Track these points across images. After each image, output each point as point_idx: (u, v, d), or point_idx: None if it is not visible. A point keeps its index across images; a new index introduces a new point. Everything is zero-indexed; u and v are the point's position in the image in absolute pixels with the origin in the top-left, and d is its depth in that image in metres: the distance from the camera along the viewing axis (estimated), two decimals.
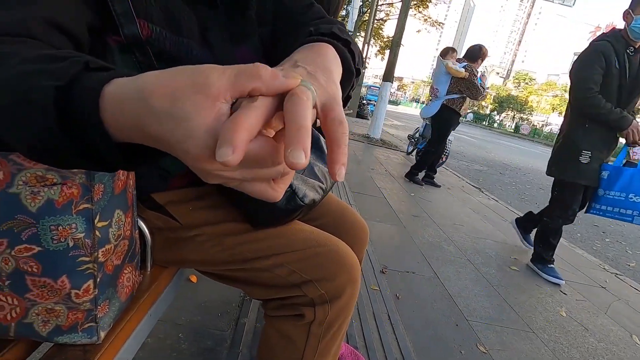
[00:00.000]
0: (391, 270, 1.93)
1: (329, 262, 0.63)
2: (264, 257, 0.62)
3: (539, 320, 1.75)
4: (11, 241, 0.39)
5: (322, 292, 0.62)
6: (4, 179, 0.37)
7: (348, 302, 0.64)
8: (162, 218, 0.63)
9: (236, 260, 0.63)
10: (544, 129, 29.36)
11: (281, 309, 0.65)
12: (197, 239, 0.63)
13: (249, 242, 0.63)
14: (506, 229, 3.20)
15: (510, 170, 8.04)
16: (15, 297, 0.42)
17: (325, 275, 0.62)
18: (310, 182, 0.67)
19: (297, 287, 0.62)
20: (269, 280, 0.63)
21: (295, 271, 0.62)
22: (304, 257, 0.62)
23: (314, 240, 0.64)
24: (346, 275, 0.63)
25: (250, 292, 0.68)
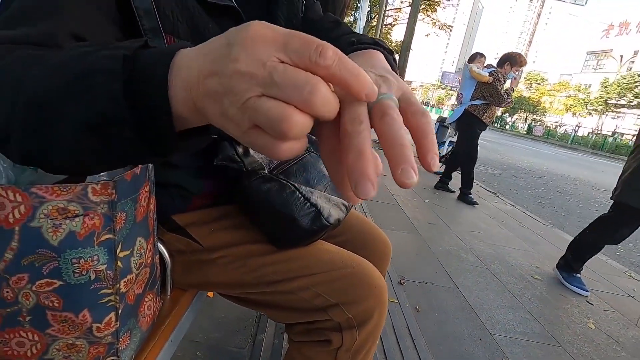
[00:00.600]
0: (409, 281, 1.88)
1: (356, 285, 0.60)
2: (288, 280, 0.60)
3: (566, 333, 1.67)
4: (32, 276, 0.37)
5: (349, 316, 0.59)
6: (26, 212, 0.35)
7: (376, 326, 0.61)
8: (183, 240, 0.61)
9: (260, 283, 0.60)
10: (558, 129, 28.77)
11: (307, 334, 0.62)
12: (220, 261, 0.61)
13: (272, 263, 0.60)
14: (525, 235, 3.11)
15: (524, 173, 7.87)
16: (36, 333, 0.40)
17: (352, 299, 0.59)
18: (334, 200, 0.65)
19: (323, 311, 0.59)
20: (294, 303, 0.60)
21: (320, 294, 0.59)
22: (329, 279, 0.60)
23: (339, 262, 0.62)
24: (374, 298, 0.60)
25: (273, 316, 0.66)
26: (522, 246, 2.81)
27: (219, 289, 0.65)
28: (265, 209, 0.59)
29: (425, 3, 13.64)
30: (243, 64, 0.21)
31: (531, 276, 2.26)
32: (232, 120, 0.22)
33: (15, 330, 0.40)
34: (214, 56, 0.23)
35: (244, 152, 0.61)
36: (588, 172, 9.94)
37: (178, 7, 0.47)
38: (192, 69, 0.24)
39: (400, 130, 0.23)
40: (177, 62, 0.25)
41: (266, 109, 0.21)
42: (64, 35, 0.36)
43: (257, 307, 0.66)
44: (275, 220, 0.59)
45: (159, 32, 0.46)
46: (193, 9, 0.49)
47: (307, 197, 0.60)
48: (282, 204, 0.58)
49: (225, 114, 0.22)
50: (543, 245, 2.92)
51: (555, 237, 3.22)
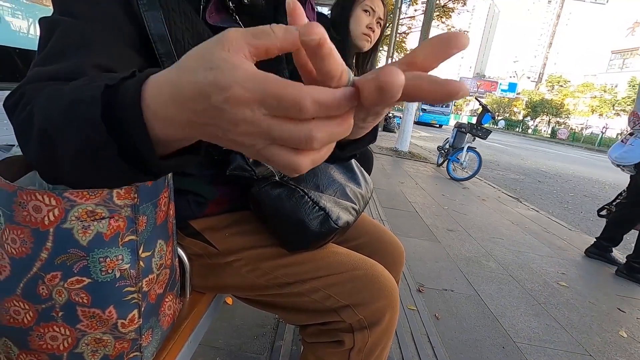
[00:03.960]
0: (428, 288, 1.86)
1: (366, 286, 0.61)
2: (300, 282, 0.62)
3: (595, 342, 1.60)
4: (64, 274, 0.41)
5: (360, 317, 0.60)
6: (59, 215, 0.39)
7: (388, 328, 0.62)
8: (199, 244, 0.64)
9: (273, 285, 0.63)
10: (584, 132, 27.71)
11: (319, 335, 0.64)
12: (234, 264, 0.64)
13: (284, 266, 0.62)
14: (551, 241, 3.01)
15: (549, 178, 7.62)
16: (67, 328, 0.43)
17: (363, 300, 0.60)
18: (343, 204, 0.67)
19: (335, 312, 0.61)
20: (306, 305, 0.62)
21: (331, 296, 0.61)
22: (340, 281, 0.61)
23: (350, 264, 0.63)
24: (385, 299, 0.61)
25: (286, 318, 0.67)
26: (547, 252, 2.72)
27: (234, 291, 0.68)
28: (275, 213, 0.61)
29: (440, 10, 13.61)
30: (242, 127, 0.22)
31: (557, 283, 2.18)
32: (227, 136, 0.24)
33: (49, 325, 0.43)
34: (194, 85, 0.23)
35: (255, 161, 0.64)
36: (618, 175, 9.50)
37: (189, 31, 0.51)
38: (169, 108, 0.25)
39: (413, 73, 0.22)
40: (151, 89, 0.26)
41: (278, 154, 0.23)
42: (91, 69, 0.40)
43: (270, 308, 0.68)
44: (285, 224, 0.61)
45: (172, 56, 0.49)
46: (202, 32, 0.52)
47: (316, 201, 0.62)
48: (291, 208, 0.61)
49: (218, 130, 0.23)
50: (570, 251, 2.82)
51: (582, 243, 3.09)
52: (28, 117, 0.34)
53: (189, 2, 0.52)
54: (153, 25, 0.48)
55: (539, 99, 50.11)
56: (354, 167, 0.77)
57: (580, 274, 2.37)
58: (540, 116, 45.42)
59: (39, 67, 0.40)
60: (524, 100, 52.80)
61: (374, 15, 1.32)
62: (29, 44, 1.15)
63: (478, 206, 3.87)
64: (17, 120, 0.36)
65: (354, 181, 0.74)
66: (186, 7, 0.51)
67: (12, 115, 0.37)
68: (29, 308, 0.42)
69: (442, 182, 5.01)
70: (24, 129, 0.35)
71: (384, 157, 6.72)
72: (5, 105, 0.39)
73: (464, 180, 5.15)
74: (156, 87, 0.26)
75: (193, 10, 0.52)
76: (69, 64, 0.39)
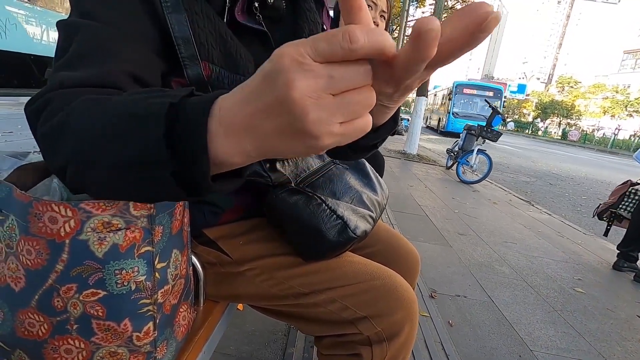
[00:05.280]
0: (441, 294, 1.82)
1: (385, 297, 0.59)
2: (316, 292, 0.60)
3: (616, 351, 1.55)
4: (80, 286, 0.40)
5: (378, 329, 0.58)
6: (75, 226, 0.38)
7: (407, 341, 0.60)
8: (213, 253, 0.63)
9: (288, 295, 0.61)
10: (596, 133, 27.25)
11: (336, 347, 0.62)
12: (248, 273, 0.62)
13: (300, 275, 0.61)
14: (565, 245, 2.95)
15: (561, 180, 7.49)
16: (82, 341, 0.42)
17: (381, 311, 0.58)
18: (361, 212, 0.65)
19: (352, 324, 0.59)
20: (321, 316, 0.60)
21: (348, 307, 0.59)
22: (357, 292, 0.59)
23: (367, 274, 0.61)
24: (404, 310, 0.59)
25: (302, 328, 0.66)
26: (562, 257, 2.66)
27: (248, 300, 0.66)
28: (292, 221, 0.60)
29: (447, 12, 13.54)
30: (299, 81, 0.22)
31: (573, 289, 2.12)
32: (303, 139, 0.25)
33: (64, 338, 0.42)
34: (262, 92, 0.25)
35: (271, 167, 0.63)
36: (632, 177, 9.31)
37: (212, 34, 0.50)
38: (237, 115, 0.26)
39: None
40: (218, 110, 0.27)
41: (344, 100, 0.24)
42: (121, 75, 0.40)
43: (285, 318, 0.66)
44: (302, 232, 0.60)
45: (195, 59, 0.49)
46: (225, 35, 0.52)
47: (334, 210, 0.60)
48: (308, 217, 0.59)
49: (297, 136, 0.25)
50: (585, 256, 2.75)
51: (598, 247, 3.02)
52: (59, 124, 0.33)
53: (211, 4, 0.51)
54: (177, 28, 0.47)
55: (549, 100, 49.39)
56: (370, 173, 0.75)
57: (596, 280, 2.31)
58: (551, 117, 44.75)
59: (64, 71, 0.39)
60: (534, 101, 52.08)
61: (376, 9, 1.29)
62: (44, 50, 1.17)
63: (489, 209, 3.82)
64: (43, 128, 0.35)
65: (370, 187, 0.72)
66: (209, 10, 0.50)
67: (37, 121, 0.36)
68: (44, 320, 0.42)
69: (451, 185, 4.95)
70: (53, 136, 0.34)
71: (392, 159, 6.67)
72: (27, 110, 0.38)
73: (474, 183, 5.08)
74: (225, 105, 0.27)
75: (215, 12, 0.51)
76: (99, 70, 0.39)
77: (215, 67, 0.51)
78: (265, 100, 0.24)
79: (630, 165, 13.95)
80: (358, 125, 0.25)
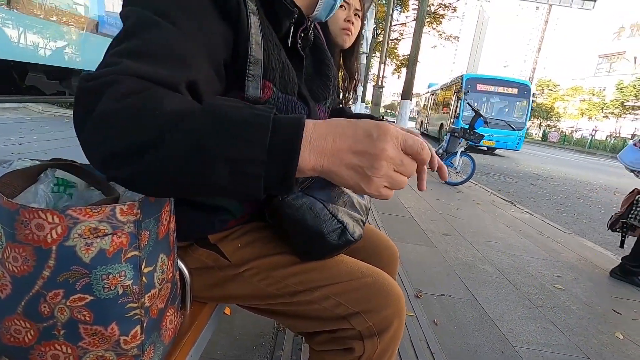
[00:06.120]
0: (426, 294, 1.86)
1: (375, 294, 0.63)
2: (311, 290, 0.63)
3: (592, 344, 1.62)
4: (67, 292, 0.41)
5: (370, 324, 0.61)
6: (62, 232, 0.39)
7: (395, 335, 0.64)
8: (213, 256, 0.65)
9: (284, 294, 0.63)
10: (574, 135, 28.14)
11: (329, 343, 0.64)
12: (246, 274, 0.64)
13: (295, 274, 0.63)
14: (545, 243, 3.04)
15: (542, 181, 7.71)
16: (69, 346, 0.43)
17: (372, 307, 0.62)
18: (354, 216, 0.68)
19: (345, 320, 0.62)
20: (315, 312, 0.63)
21: (342, 303, 0.62)
22: (350, 289, 0.62)
23: (358, 272, 0.65)
24: (393, 307, 0.63)
25: (295, 326, 0.68)
26: (543, 255, 2.74)
27: (245, 301, 0.68)
28: (296, 224, 0.62)
29: (430, 16, 13.80)
30: (389, 152, 0.37)
31: (553, 286, 2.20)
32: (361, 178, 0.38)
33: (50, 344, 0.43)
34: (361, 141, 0.37)
35: None
36: (609, 176, 9.65)
37: (277, 59, 0.56)
38: (326, 143, 0.37)
39: None
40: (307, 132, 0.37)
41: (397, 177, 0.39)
42: (182, 85, 0.42)
43: (280, 317, 0.68)
44: (305, 235, 0.62)
45: (259, 78, 0.54)
46: (285, 61, 0.58)
47: (334, 214, 0.64)
48: (312, 220, 0.62)
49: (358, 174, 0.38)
50: (565, 254, 2.85)
51: (577, 245, 3.13)
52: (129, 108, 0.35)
53: (277, 32, 0.58)
54: (254, 48, 0.52)
55: None
56: None
57: (575, 277, 2.40)
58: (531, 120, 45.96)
59: (132, 60, 0.39)
60: None
61: (350, 9, 1.30)
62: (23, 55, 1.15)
63: (473, 210, 3.90)
64: (115, 104, 0.35)
65: None
66: (275, 37, 0.57)
67: (99, 97, 0.36)
68: (30, 327, 0.42)
69: (436, 187, 5.04)
70: (119, 117, 0.35)
71: None
72: (84, 85, 0.37)
73: (459, 184, 5.18)
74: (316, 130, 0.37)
75: (278, 39, 0.58)
76: (166, 73, 0.40)
77: (275, 88, 0.57)
78: (361, 146, 0.37)
79: (606, 165, 14.46)
80: (389, 193, 0.39)
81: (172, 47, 0.43)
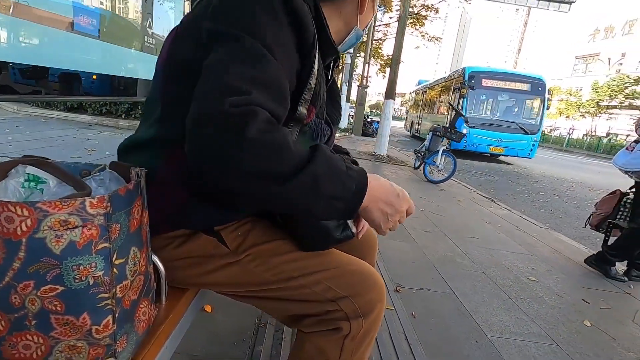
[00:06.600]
0: (405, 288, 1.91)
1: (361, 280, 0.69)
2: (304, 275, 0.68)
3: (562, 332, 1.69)
4: (37, 283, 0.42)
5: (356, 307, 0.67)
6: (32, 225, 0.40)
7: (377, 318, 0.70)
8: (214, 243, 0.68)
9: (279, 280, 0.68)
10: (553, 133, 28.94)
11: (317, 324, 0.69)
12: (244, 260, 0.68)
13: (291, 261, 0.69)
14: (522, 238, 3.15)
15: (521, 178, 7.94)
16: (40, 336, 0.44)
17: (358, 292, 0.68)
18: None
19: (334, 303, 0.68)
20: (306, 296, 0.68)
21: (332, 287, 0.68)
22: (339, 275, 0.69)
23: (345, 260, 0.72)
24: (376, 293, 0.70)
25: (286, 309, 0.72)
26: (518, 249, 2.84)
27: (238, 287, 0.71)
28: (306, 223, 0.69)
29: (413, 17, 13.98)
30: (403, 209, 0.64)
31: (527, 278, 2.28)
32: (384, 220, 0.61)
33: (22, 334, 0.44)
34: (392, 197, 0.61)
35: None
36: (584, 173, 10.00)
37: (322, 88, 0.68)
38: (375, 192, 0.58)
39: None
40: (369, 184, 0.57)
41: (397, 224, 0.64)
42: (284, 116, 0.54)
43: (270, 302, 0.72)
44: (312, 229, 0.68)
45: (308, 102, 0.63)
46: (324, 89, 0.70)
47: None
48: None
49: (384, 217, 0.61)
50: (540, 248, 2.96)
51: (551, 239, 3.25)
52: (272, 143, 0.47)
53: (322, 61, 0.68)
54: (312, 77, 0.62)
55: None
56: None
57: (548, 269, 2.49)
58: None
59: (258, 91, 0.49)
60: None
61: None
62: None
63: (454, 207, 4.00)
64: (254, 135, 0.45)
65: None
66: (322, 69, 0.67)
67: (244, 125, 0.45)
68: (1, 318, 0.43)
69: (419, 185, 5.14)
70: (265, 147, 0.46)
71: (362, 161, 6.81)
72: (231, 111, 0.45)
73: (440, 182, 5.30)
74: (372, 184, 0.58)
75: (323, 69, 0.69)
76: (281, 111, 0.53)
77: (318, 113, 0.69)
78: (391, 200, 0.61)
79: (583, 162, 14.98)
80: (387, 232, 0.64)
81: (280, 83, 0.53)
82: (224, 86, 0.47)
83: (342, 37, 0.74)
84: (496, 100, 10.62)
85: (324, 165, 0.51)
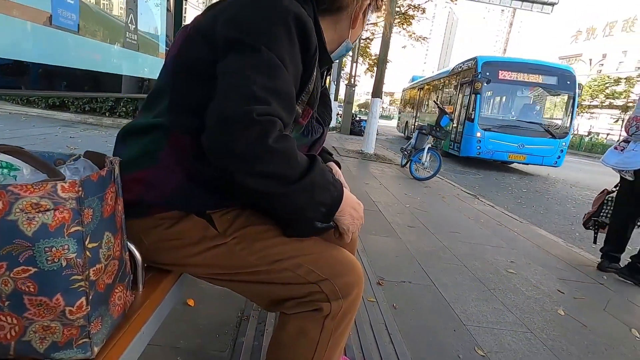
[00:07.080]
0: (387, 281, 1.95)
1: (340, 264, 0.74)
2: (287, 259, 0.72)
3: (537, 321, 1.76)
4: (10, 264, 0.43)
5: (336, 288, 0.71)
6: (3, 207, 0.41)
7: (356, 300, 0.74)
8: (203, 224, 0.72)
9: (263, 263, 0.72)
10: None
11: (299, 306, 0.73)
12: (230, 242, 0.72)
13: (274, 245, 0.73)
14: (503, 233, 3.23)
15: (505, 175, 8.11)
16: (14, 317, 0.46)
17: (338, 274, 0.72)
18: None
19: (315, 285, 0.71)
20: (288, 279, 0.72)
21: (313, 270, 0.72)
22: (320, 258, 0.73)
23: (324, 245, 0.76)
24: (355, 276, 0.74)
25: (269, 292, 0.75)
26: (499, 243, 2.92)
27: (223, 269, 0.74)
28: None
29: (400, 17, 14.11)
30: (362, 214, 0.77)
31: (506, 270, 2.35)
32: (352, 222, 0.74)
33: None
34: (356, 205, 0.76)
35: None
36: (566, 171, 10.26)
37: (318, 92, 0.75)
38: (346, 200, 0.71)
39: None
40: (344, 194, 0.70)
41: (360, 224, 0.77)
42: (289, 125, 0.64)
43: (253, 286, 0.75)
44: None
45: (304, 103, 0.71)
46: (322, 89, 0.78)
47: None
48: None
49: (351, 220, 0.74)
50: (519, 242, 3.04)
51: (531, 233, 3.35)
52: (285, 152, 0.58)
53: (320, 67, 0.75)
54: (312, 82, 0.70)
55: None
56: None
57: (527, 262, 2.58)
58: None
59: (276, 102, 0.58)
60: None
61: None
62: None
63: (438, 203, 4.07)
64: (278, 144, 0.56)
65: None
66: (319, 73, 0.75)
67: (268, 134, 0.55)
68: None
69: (405, 182, 5.21)
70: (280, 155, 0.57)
71: (350, 159, 6.86)
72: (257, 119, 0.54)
73: (426, 179, 5.38)
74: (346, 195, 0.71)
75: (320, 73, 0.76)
76: (290, 120, 0.63)
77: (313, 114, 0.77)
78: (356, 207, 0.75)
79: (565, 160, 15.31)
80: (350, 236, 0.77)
81: (290, 94, 0.62)
82: (249, 94, 0.56)
83: (333, 48, 0.82)
84: (516, 96, 8.81)
85: (319, 175, 0.63)
